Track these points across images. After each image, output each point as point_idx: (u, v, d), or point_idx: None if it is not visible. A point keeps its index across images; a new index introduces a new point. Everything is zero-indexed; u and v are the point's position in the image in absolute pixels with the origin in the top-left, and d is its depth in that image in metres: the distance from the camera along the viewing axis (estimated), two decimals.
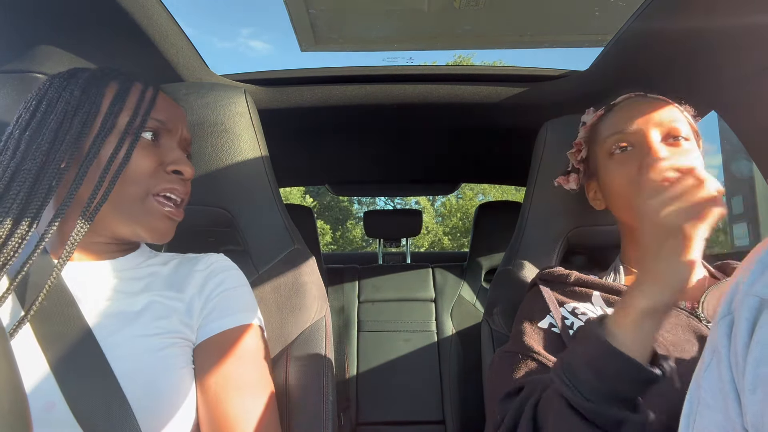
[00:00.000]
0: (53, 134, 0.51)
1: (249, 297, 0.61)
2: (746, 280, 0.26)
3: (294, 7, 0.97)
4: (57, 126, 0.51)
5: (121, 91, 0.55)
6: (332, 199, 15.29)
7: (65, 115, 0.52)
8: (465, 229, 14.15)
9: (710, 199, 0.44)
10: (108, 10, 0.68)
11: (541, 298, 0.65)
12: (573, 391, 0.44)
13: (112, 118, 0.53)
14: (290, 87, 1.04)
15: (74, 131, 0.52)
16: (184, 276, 0.58)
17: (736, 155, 3.28)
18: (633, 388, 0.43)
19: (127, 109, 0.55)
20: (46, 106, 0.53)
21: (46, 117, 0.52)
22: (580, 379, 0.44)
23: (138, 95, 0.56)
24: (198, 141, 0.72)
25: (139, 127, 0.54)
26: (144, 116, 0.55)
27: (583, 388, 0.43)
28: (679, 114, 0.64)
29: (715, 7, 0.66)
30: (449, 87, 1.05)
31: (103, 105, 0.54)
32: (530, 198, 0.84)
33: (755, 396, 0.24)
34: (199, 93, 0.73)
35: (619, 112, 0.67)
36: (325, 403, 0.64)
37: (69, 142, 0.51)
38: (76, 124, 0.52)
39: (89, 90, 0.54)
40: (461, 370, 1.38)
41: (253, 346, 0.56)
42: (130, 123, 0.54)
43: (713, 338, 0.28)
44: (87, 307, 0.51)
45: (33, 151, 0.50)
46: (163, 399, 0.49)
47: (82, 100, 0.53)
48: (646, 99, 0.66)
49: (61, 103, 0.53)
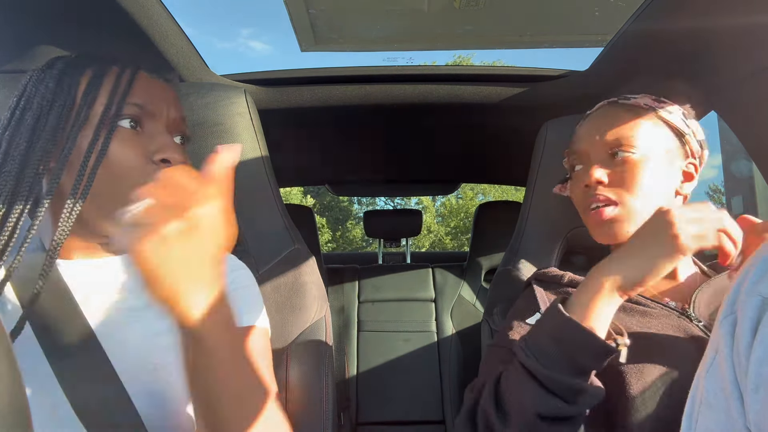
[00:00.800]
0: (30, 132, 0.48)
1: (257, 298, 0.60)
2: (749, 280, 0.26)
3: (294, 7, 0.97)
4: (34, 122, 0.49)
5: (95, 78, 0.51)
6: (332, 199, 15.29)
7: (41, 111, 0.49)
8: (465, 229, 14.15)
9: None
10: (108, 10, 0.68)
11: (533, 297, 0.66)
12: (533, 360, 0.48)
13: (85, 108, 0.50)
14: (290, 87, 1.04)
15: (50, 126, 0.49)
16: None
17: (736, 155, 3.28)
18: (589, 358, 0.48)
19: (102, 97, 0.51)
20: (25, 103, 0.50)
21: (24, 114, 0.50)
22: (541, 348, 0.49)
23: (113, 80, 0.52)
24: (198, 141, 0.72)
25: (114, 116, 0.50)
26: (119, 103, 0.51)
27: (542, 358, 0.48)
28: (630, 125, 0.64)
29: (714, 8, 0.66)
30: (449, 87, 1.05)
31: (78, 95, 0.51)
32: (530, 198, 0.85)
33: (758, 395, 0.24)
34: (199, 93, 0.73)
35: (582, 128, 0.69)
36: (325, 403, 0.64)
37: (45, 138, 0.48)
38: (52, 119, 0.49)
39: (63, 81, 0.51)
40: (461, 370, 1.38)
41: (259, 347, 0.56)
42: (105, 112, 0.50)
43: (715, 337, 0.28)
44: (89, 305, 0.50)
45: (12, 152, 0.48)
46: (168, 397, 0.49)
47: (57, 92, 0.50)
48: (612, 108, 0.67)
49: (36, 98, 0.50)
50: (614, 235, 0.62)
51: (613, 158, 0.63)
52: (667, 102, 0.66)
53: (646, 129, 0.63)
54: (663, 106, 0.65)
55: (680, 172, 0.65)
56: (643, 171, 0.61)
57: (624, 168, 0.62)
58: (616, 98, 0.68)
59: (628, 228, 0.62)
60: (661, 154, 0.63)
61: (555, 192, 0.77)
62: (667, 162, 0.63)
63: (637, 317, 0.58)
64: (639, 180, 0.61)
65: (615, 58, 0.88)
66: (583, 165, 0.67)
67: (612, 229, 0.62)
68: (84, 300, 0.51)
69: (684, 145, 0.65)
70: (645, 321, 0.57)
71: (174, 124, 0.56)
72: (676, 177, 0.64)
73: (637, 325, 0.57)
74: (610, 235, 0.63)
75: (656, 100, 0.66)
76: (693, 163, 0.66)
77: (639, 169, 0.61)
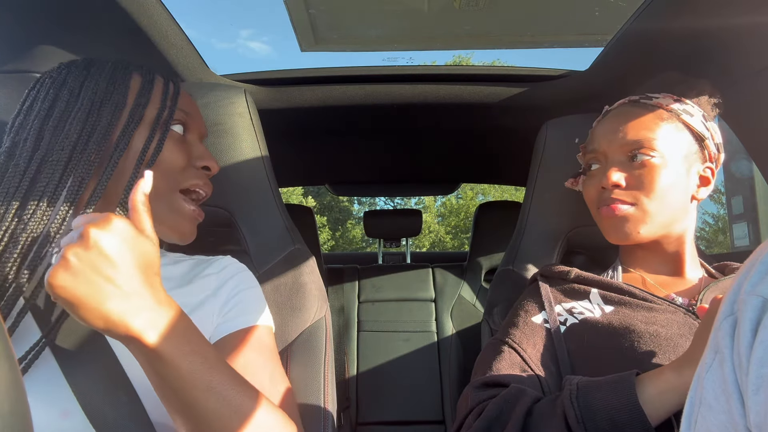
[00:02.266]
0: (81, 125, 0.49)
1: (262, 298, 0.61)
2: (750, 280, 0.26)
3: (294, 7, 0.97)
4: (84, 116, 0.49)
5: (146, 83, 0.54)
6: (332, 199, 15.28)
7: (92, 106, 0.50)
8: (465, 228, 14.16)
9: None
10: (108, 10, 0.68)
11: (539, 293, 0.66)
12: (581, 429, 0.45)
13: (140, 109, 0.52)
14: (290, 87, 1.04)
15: (104, 122, 0.50)
16: (196, 278, 0.58)
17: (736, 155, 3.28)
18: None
19: (154, 101, 0.54)
20: (69, 96, 0.51)
21: (69, 107, 0.50)
22: (594, 418, 0.45)
23: (162, 88, 0.55)
24: None
25: (167, 119, 0.53)
26: (171, 108, 0.54)
27: (588, 423, 0.45)
28: (651, 127, 0.62)
29: (715, 8, 0.66)
30: (449, 87, 1.05)
31: (129, 96, 0.53)
32: (530, 198, 0.84)
33: (758, 396, 0.24)
34: (200, 93, 0.73)
35: (601, 126, 0.68)
36: (325, 403, 0.64)
37: (99, 132, 0.49)
38: (105, 115, 0.50)
39: (116, 80, 0.53)
40: (461, 370, 1.38)
41: (270, 344, 0.57)
42: (159, 114, 0.53)
43: (716, 338, 0.28)
44: None
45: (60, 142, 0.48)
46: None
47: (109, 90, 0.52)
48: (633, 107, 0.66)
49: (86, 92, 0.51)
50: (626, 234, 0.62)
51: (631, 161, 0.62)
52: (688, 102, 0.65)
53: (667, 132, 0.62)
54: (684, 106, 0.64)
55: (697, 177, 0.64)
56: (661, 175, 0.60)
57: (642, 171, 0.61)
58: (637, 97, 0.67)
59: (640, 229, 0.61)
60: (681, 158, 0.62)
61: (567, 186, 0.76)
62: (686, 167, 0.63)
63: (643, 312, 0.58)
64: (657, 184, 0.60)
65: (615, 58, 0.88)
66: (599, 164, 0.66)
67: (624, 227, 0.62)
68: None
69: (703, 149, 0.64)
70: (651, 316, 0.57)
71: (204, 135, 0.61)
72: (693, 181, 0.64)
73: (642, 320, 0.57)
74: (622, 233, 0.62)
75: (677, 100, 0.64)
76: (710, 167, 0.65)
77: (658, 173, 0.60)
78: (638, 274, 0.67)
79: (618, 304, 0.60)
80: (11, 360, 0.22)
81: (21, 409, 0.21)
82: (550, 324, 0.61)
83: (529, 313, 0.64)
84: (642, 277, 0.66)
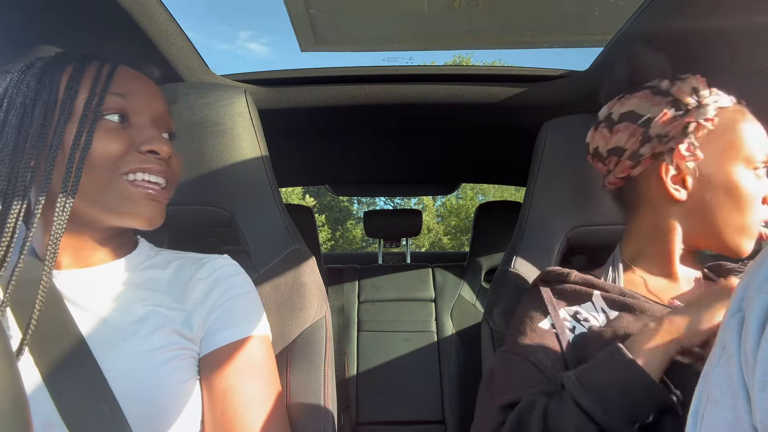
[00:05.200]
0: (16, 131, 0.48)
1: (254, 304, 0.59)
2: (758, 278, 0.26)
3: (294, 7, 0.97)
4: (19, 122, 0.48)
5: (76, 73, 0.51)
6: (332, 199, 15.29)
7: (25, 109, 0.49)
8: (465, 228, 14.16)
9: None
10: (108, 10, 0.68)
11: (541, 299, 0.66)
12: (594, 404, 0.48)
13: (69, 102, 0.49)
14: (290, 87, 1.04)
15: (36, 124, 0.48)
16: (185, 283, 0.56)
17: None
18: (650, 410, 0.47)
19: (84, 90, 0.50)
20: (8, 104, 0.50)
21: (8, 115, 0.49)
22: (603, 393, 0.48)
23: (94, 74, 0.51)
24: (198, 141, 0.72)
25: (97, 106, 0.50)
26: (101, 93, 0.50)
27: (605, 404, 0.47)
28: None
29: (715, 8, 0.66)
30: (449, 87, 1.05)
31: (60, 91, 0.50)
32: (530, 198, 0.84)
33: (765, 394, 0.24)
34: (199, 93, 0.73)
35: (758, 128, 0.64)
36: (326, 403, 0.64)
37: (33, 136, 0.48)
38: (37, 117, 0.48)
39: (44, 78, 0.50)
40: (461, 370, 1.38)
41: (259, 358, 0.54)
42: (88, 103, 0.50)
43: (723, 335, 0.28)
44: (83, 318, 0.49)
45: (0, 153, 0.47)
46: (165, 417, 0.48)
47: (39, 90, 0.50)
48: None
49: (19, 97, 0.49)
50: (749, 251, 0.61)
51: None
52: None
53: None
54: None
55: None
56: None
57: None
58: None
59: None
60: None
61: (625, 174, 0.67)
62: None
63: (638, 315, 0.58)
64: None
65: (615, 58, 0.88)
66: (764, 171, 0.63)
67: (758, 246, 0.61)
68: (78, 311, 0.49)
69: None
70: (646, 319, 0.57)
71: (160, 119, 0.56)
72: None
73: (635, 323, 0.57)
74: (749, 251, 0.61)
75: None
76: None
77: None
78: (639, 274, 0.67)
79: (622, 308, 0.60)
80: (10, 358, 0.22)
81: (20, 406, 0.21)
82: (558, 329, 0.61)
83: (534, 320, 0.63)
84: (643, 278, 0.66)
